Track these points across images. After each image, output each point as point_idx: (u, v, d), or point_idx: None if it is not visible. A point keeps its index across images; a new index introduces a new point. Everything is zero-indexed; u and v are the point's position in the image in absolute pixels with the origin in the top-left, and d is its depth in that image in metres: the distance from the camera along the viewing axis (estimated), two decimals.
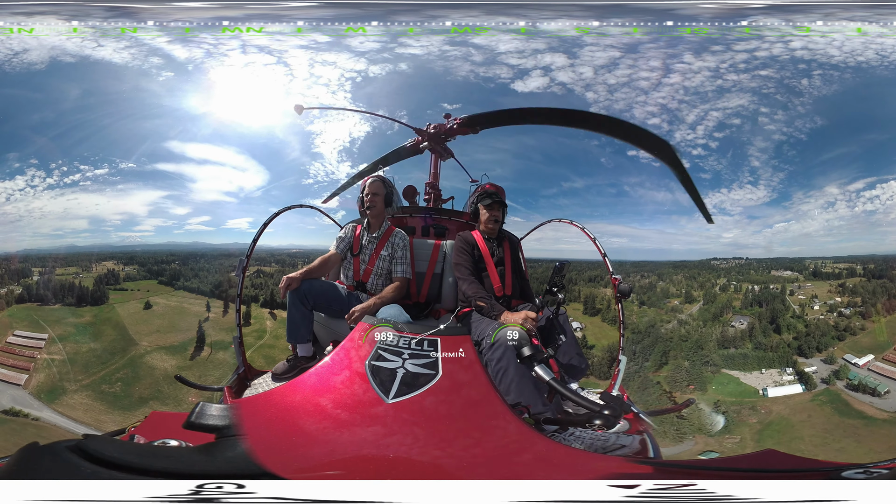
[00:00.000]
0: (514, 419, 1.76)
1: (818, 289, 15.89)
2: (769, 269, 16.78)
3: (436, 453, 1.64)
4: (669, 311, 16.33)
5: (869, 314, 14.43)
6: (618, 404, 2.15)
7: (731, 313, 16.02)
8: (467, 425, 1.75)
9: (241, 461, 1.47)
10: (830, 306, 15.23)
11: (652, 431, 2.45)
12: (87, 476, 1.33)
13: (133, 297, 15.13)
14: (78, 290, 14.11)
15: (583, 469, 1.63)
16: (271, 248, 15.94)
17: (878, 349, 13.01)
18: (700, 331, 15.52)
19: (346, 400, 1.79)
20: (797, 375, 13.42)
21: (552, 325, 3.21)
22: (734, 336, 15.25)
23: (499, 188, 3.72)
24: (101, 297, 14.33)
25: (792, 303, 15.78)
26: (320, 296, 3.44)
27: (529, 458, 1.66)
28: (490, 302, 3.25)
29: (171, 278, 15.76)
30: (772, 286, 16.28)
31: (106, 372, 11.66)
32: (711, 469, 1.64)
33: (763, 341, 14.88)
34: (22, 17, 5.10)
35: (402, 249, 3.78)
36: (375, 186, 3.77)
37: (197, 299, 15.24)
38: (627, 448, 1.91)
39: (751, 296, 16.40)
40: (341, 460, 1.59)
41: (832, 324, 14.61)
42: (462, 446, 1.68)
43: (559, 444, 1.86)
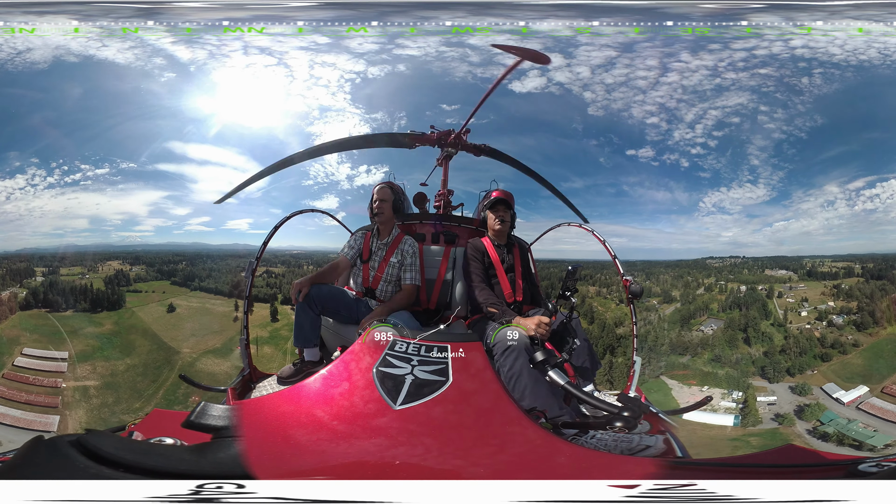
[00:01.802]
0: (531, 424, 1.73)
1: (811, 290, 14.15)
2: (764, 269, 15.71)
3: (446, 460, 1.60)
4: (644, 310, 15.08)
5: (866, 325, 11.42)
6: (636, 405, 2.11)
7: (707, 316, 14.83)
8: (481, 432, 1.71)
9: (232, 463, 1.45)
10: (821, 312, 13.03)
11: (674, 431, 2.42)
12: (81, 472, 1.32)
13: (150, 300, 14.24)
14: (91, 293, 12.71)
15: (609, 472, 1.57)
16: (274, 250, 15.97)
17: (875, 377, 9.72)
18: (663, 332, 14.29)
19: (351, 406, 1.76)
20: (741, 404, 10.50)
21: (565, 330, 3.21)
22: (697, 342, 13.55)
23: (507, 194, 3.73)
24: (117, 301, 13.15)
25: (778, 307, 14.04)
26: (329, 301, 3.44)
27: (550, 463, 1.62)
28: (502, 308, 3.25)
29: (186, 279, 15.31)
30: (760, 287, 15.00)
31: (164, 391, 9.83)
32: (739, 466, 1.61)
33: (724, 353, 12.89)
34: (26, 16, 5.11)
35: (411, 256, 3.78)
36: (383, 193, 3.76)
37: (217, 299, 14.68)
38: (653, 448, 1.88)
39: (732, 298, 15.15)
40: (342, 466, 1.56)
41: (818, 336, 11.98)
42: (475, 452, 1.64)
43: (581, 447, 1.83)
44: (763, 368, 11.53)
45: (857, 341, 11.24)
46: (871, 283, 12.91)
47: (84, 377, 9.08)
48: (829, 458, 2.09)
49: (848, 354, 11.17)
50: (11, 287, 10.85)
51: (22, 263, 12.16)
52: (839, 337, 11.63)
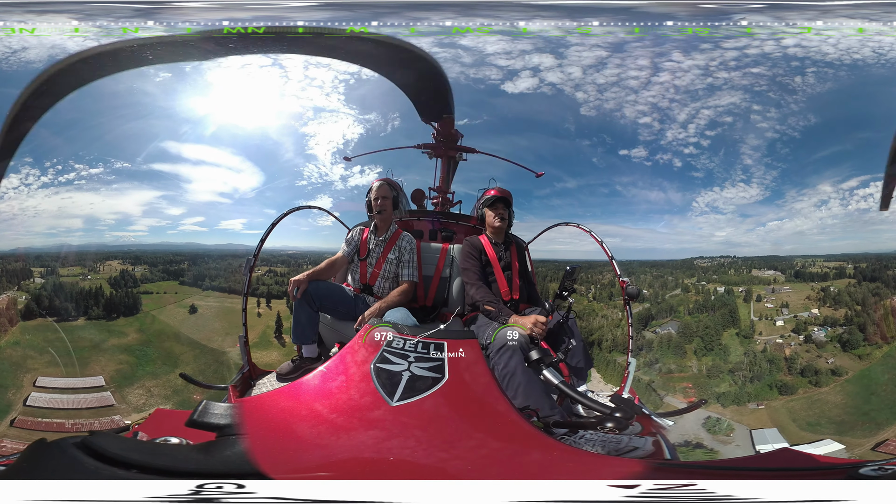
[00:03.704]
0: (523, 422, 1.75)
1: (796, 294, 12.31)
2: (752, 269, 14.81)
3: (441, 456, 1.62)
4: (612, 307, 14.75)
5: (854, 342, 8.35)
6: (629, 407, 2.14)
7: (672, 318, 13.68)
8: (474, 428, 1.74)
9: (239, 461, 1.47)
10: (799, 323, 10.54)
11: (666, 433, 2.44)
12: (91, 473, 1.33)
13: (163, 302, 13.46)
14: (103, 297, 11.32)
15: (596, 472, 1.61)
16: (275, 250, 15.90)
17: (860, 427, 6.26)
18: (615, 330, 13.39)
19: (349, 402, 1.78)
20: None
21: (561, 329, 3.22)
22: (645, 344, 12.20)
23: (506, 192, 3.75)
24: (133, 305, 12.02)
25: (753, 313, 12.20)
26: (327, 297, 3.46)
27: (540, 461, 1.65)
28: (498, 306, 3.26)
29: (196, 279, 14.93)
30: (741, 289, 13.77)
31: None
32: (728, 469, 1.63)
33: (663, 360, 11.06)
34: (27, 15, 5.10)
35: (409, 253, 3.80)
36: (385, 190, 3.78)
37: (233, 298, 14.11)
38: (641, 450, 1.91)
39: (706, 300, 13.96)
40: (341, 462, 1.58)
41: (786, 356, 9.18)
42: (468, 449, 1.66)
43: (571, 447, 1.85)
44: (696, 387, 9.17)
45: (838, 368, 8.16)
46: (863, 285, 11.07)
47: (145, 405, 7.21)
48: (824, 461, 2.11)
49: (822, 387, 7.92)
50: (9, 290, 9.28)
51: (17, 263, 11.74)
52: (815, 359, 8.68)
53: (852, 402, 7.18)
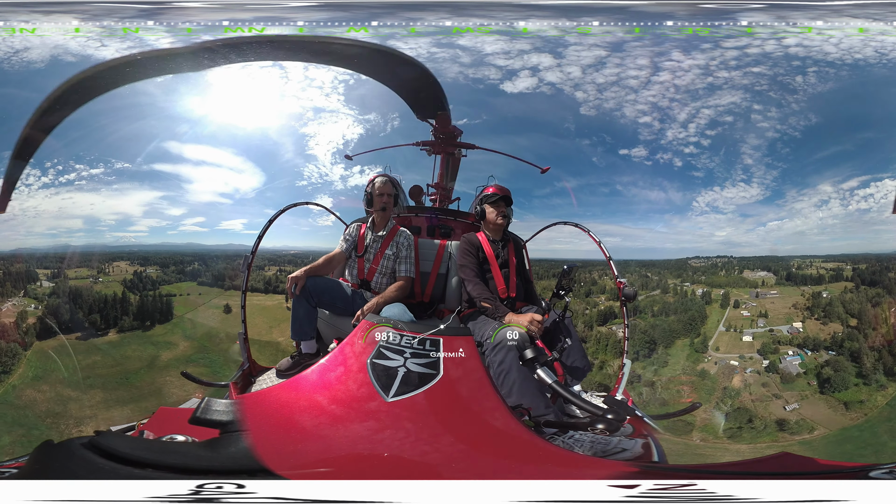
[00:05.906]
0: (513, 421, 1.77)
1: (783, 299, 10.72)
2: (743, 270, 13.93)
3: (433, 453, 1.64)
4: (589, 305, 14.49)
5: (840, 382, 5.79)
6: (621, 408, 2.13)
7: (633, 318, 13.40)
8: (466, 426, 1.76)
9: (243, 457, 1.49)
10: (772, 341, 8.22)
11: (657, 435, 2.44)
12: (103, 473, 1.34)
13: (191, 303, 13.08)
14: (128, 303, 10.34)
15: (579, 473, 1.63)
16: (276, 250, 15.95)
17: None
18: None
19: (347, 398, 1.80)
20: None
21: (557, 328, 3.21)
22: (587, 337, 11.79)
23: (506, 190, 3.75)
24: (165, 310, 11.52)
25: (725, 321, 10.78)
26: (325, 293, 3.47)
27: (525, 461, 1.66)
28: (495, 303, 3.26)
29: (215, 279, 14.78)
30: (722, 291, 12.98)
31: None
32: (715, 473, 1.64)
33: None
34: (30, 15, 5.11)
35: (406, 249, 3.81)
36: (388, 187, 3.79)
37: (257, 296, 14.32)
38: (629, 452, 1.91)
39: (675, 302, 13.34)
40: (340, 457, 1.60)
41: (730, 385, 7.11)
42: (459, 447, 1.68)
43: (557, 447, 1.86)
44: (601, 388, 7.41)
45: (798, 422, 5.36)
46: (861, 290, 9.53)
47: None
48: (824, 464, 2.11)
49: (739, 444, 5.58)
50: (14, 297, 7.54)
51: (20, 265, 11.30)
52: (766, 400, 5.67)
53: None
